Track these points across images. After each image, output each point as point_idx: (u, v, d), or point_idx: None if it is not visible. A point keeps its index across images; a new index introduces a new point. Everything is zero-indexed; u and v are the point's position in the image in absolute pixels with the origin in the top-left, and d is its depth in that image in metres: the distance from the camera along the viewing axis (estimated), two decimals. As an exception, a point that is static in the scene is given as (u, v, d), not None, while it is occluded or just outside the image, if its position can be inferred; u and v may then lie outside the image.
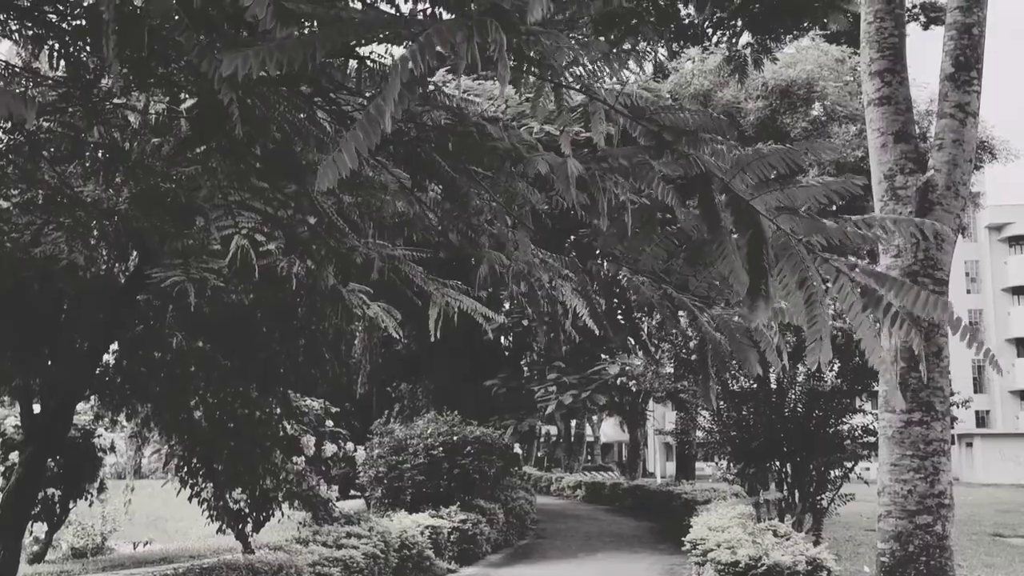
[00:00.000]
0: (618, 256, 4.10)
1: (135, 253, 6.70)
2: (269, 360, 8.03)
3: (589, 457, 54.53)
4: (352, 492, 19.74)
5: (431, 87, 4.03)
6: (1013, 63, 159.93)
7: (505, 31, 2.55)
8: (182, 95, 4.52)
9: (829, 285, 3.52)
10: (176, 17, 3.22)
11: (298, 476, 10.59)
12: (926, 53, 16.04)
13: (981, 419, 62.79)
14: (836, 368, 13.82)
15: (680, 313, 4.53)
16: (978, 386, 61.98)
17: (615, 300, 5.26)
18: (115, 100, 4.84)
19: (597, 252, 4.53)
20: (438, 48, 2.54)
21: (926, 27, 21.04)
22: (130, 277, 6.71)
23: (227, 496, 10.07)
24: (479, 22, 2.54)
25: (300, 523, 10.92)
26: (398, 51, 3.06)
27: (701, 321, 4.44)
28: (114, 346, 7.56)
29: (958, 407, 11.21)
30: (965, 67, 8.02)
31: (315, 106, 3.95)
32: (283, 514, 10.29)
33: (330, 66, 3.79)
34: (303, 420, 10.16)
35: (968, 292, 64.45)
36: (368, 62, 3.46)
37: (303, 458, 10.49)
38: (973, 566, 15.27)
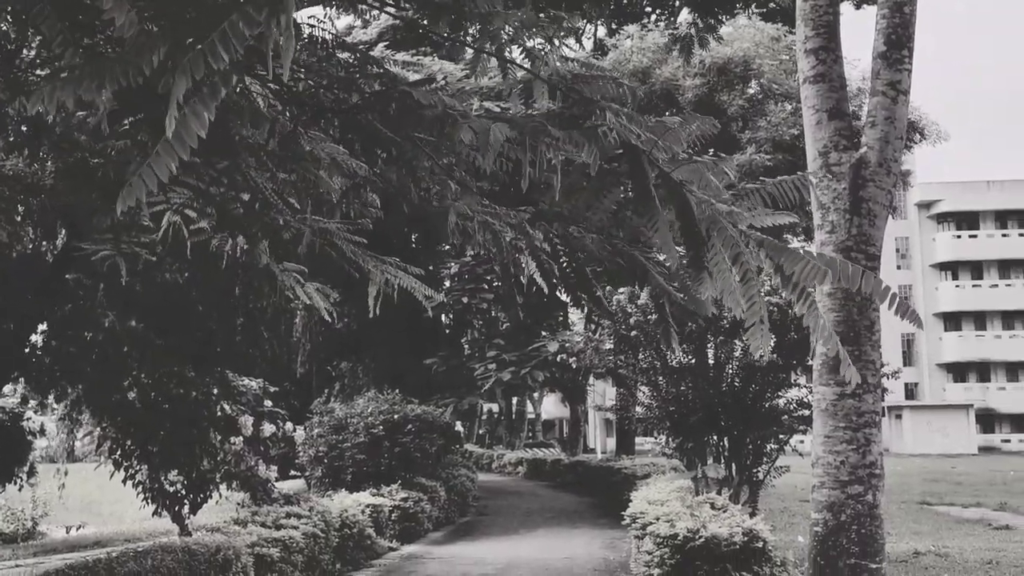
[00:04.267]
0: (565, 215, 4.10)
1: (63, 231, 6.50)
2: (205, 339, 7.88)
3: (530, 434, 54.90)
4: (292, 472, 19.60)
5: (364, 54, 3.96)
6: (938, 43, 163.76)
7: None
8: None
9: (762, 265, 3.56)
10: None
11: (236, 457, 10.45)
12: (857, 32, 16.30)
13: (910, 391, 64.65)
14: (772, 343, 14.05)
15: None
16: (907, 359, 63.76)
17: (563, 260, 5.24)
18: (38, 72, 4.67)
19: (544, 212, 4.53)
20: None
21: (858, 6, 21.33)
22: (58, 255, 6.51)
23: (163, 478, 9.89)
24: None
25: (239, 504, 10.80)
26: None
27: (652, 274, 4.46)
28: (42, 326, 7.35)
29: (888, 379, 11.47)
30: (897, 46, 8.15)
31: (252, 79, 3.85)
32: (221, 495, 10.15)
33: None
34: (241, 400, 10.01)
35: (898, 268, 66.12)
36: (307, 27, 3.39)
37: (241, 438, 10.34)
38: (902, 534, 15.75)
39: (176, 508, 10.00)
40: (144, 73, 2.55)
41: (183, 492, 9.99)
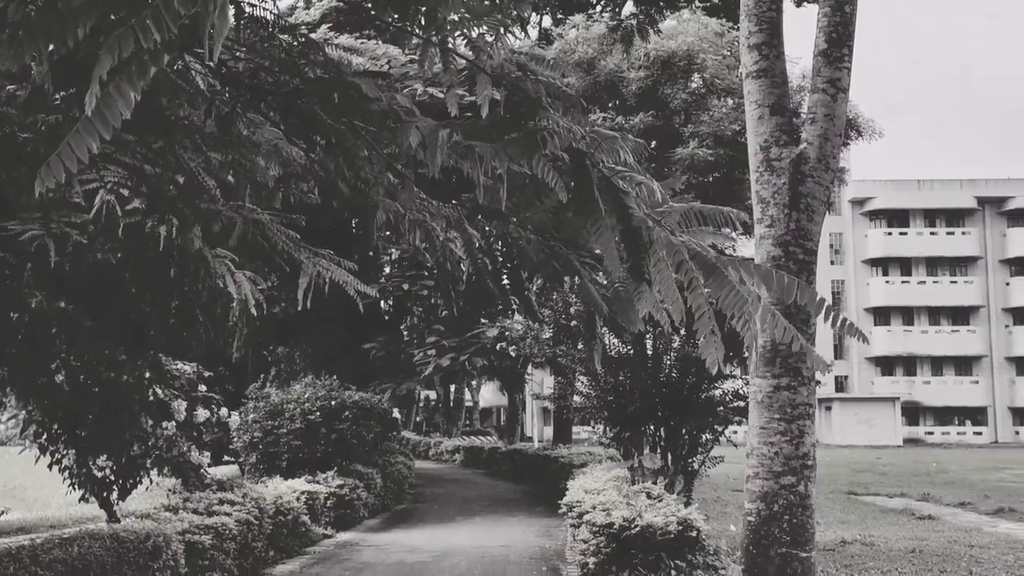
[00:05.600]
0: (504, 213, 4.06)
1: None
2: (138, 322, 7.67)
3: (468, 422, 54.93)
4: (225, 458, 19.28)
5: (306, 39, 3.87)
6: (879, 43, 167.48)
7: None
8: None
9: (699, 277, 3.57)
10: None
11: (168, 442, 10.22)
12: (797, 30, 16.57)
13: (840, 384, 66.25)
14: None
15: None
16: (838, 352, 65.27)
17: (500, 259, 5.19)
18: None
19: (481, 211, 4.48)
20: None
21: (798, 4, 21.64)
22: (-17, 233, 6.26)
23: (91, 463, 9.64)
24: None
25: (170, 490, 10.58)
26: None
27: (585, 284, 4.45)
28: (-36, 306, 7.07)
29: (820, 372, 11.71)
30: (837, 44, 8.29)
31: (190, 56, 3.74)
32: (151, 481, 9.94)
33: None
34: (175, 384, 9.79)
35: (832, 263, 67.60)
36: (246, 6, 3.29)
37: (174, 423, 10.12)
38: (829, 523, 16.12)
39: (104, 494, 9.77)
40: (67, 44, 2.43)
41: (112, 477, 9.76)
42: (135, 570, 7.78)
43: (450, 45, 3.84)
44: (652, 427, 14.76)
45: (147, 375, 8.60)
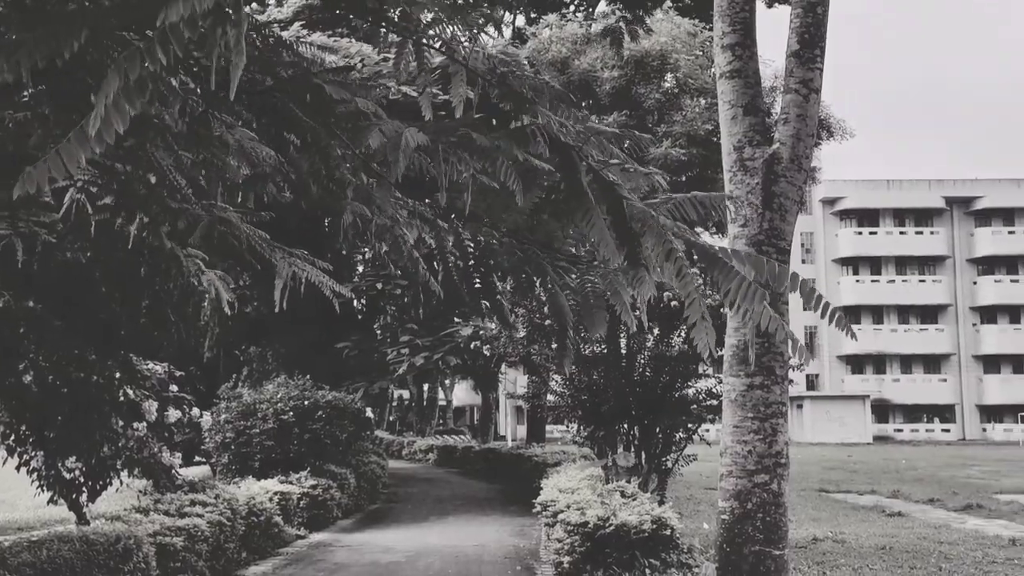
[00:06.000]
0: (478, 215, 4.04)
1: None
2: (108, 322, 7.57)
3: (441, 421, 54.86)
4: (197, 459, 19.12)
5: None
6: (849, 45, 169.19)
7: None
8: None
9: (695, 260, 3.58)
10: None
11: (139, 443, 10.11)
12: (769, 31, 16.66)
13: (811, 382, 66.85)
14: (683, 334, 14.30)
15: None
16: (809, 351, 65.81)
17: (472, 262, 5.16)
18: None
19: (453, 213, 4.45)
20: None
21: (770, 5, 21.82)
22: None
23: (60, 465, 9.52)
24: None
25: (140, 492, 10.46)
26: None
27: (556, 292, 4.43)
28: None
29: (793, 371, 11.79)
30: (809, 45, 8.34)
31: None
32: (122, 483, 9.82)
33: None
34: (145, 385, 9.68)
35: (803, 262, 68.15)
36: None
37: (144, 424, 10.01)
38: (801, 520, 16.25)
39: (73, 496, 9.64)
40: (63, 56, 2.40)
41: (81, 479, 9.63)
42: (105, 573, 7.69)
43: (425, 43, 3.82)
44: (626, 426, 14.81)
45: (117, 375, 8.50)
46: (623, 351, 14.95)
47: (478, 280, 4.88)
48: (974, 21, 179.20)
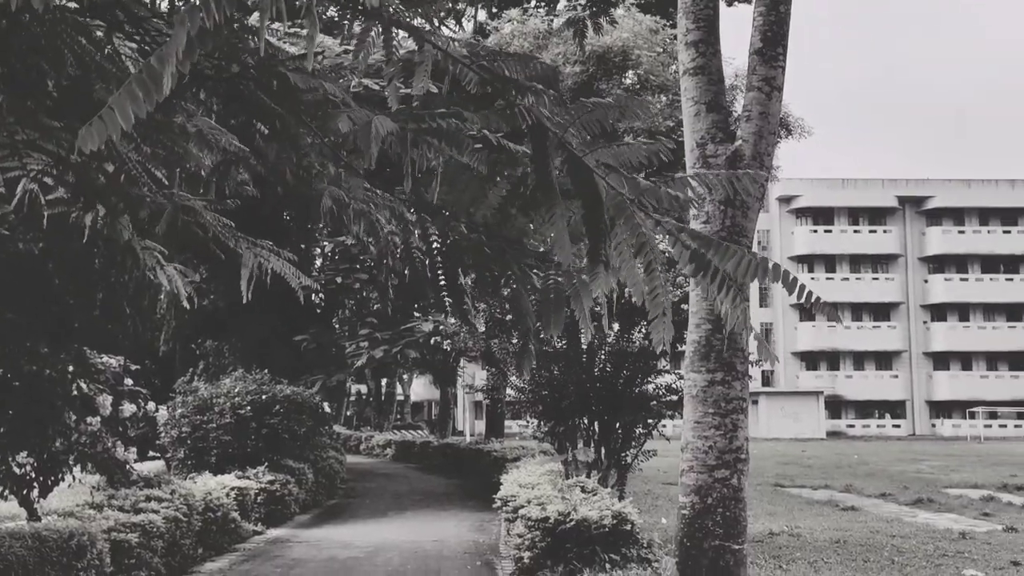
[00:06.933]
0: (446, 208, 3.99)
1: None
2: (62, 314, 7.41)
3: (399, 416, 54.69)
4: (152, 453, 18.83)
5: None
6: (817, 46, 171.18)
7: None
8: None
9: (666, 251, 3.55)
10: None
11: (92, 437, 9.92)
12: (728, 29, 16.78)
13: (767, 379, 67.66)
14: (644, 330, 14.36)
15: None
16: (766, 347, 66.51)
17: (439, 258, 5.09)
18: None
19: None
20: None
21: (730, 3, 21.97)
22: None
23: (10, 460, 9.31)
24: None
25: (94, 487, 10.27)
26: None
27: (520, 292, 4.39)
28: None
29: (752, 366, 11.90)
30: (772, 43, 8.39)
31: (124, 36, 3.59)
32: (75, 478, 9.63)
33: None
34: (99, 378, 9.50)
35: (759, 260, 68.83)
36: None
37: (98, 418, 9.82)
38: (757, 515, 16.43)
39: (24, 492, 9.43)
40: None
41: (32, 475, 9.43)
42: (58, 570, 7.54)
43: (393, 29, 3.76)
44: (586, 421, 14.84)
45: (70, 369, 8.33)
46: (584, 346, 14.97)
47: (443, 276, 4.82)
48: (930, 22, 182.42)
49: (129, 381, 10.68)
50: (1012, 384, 67.44)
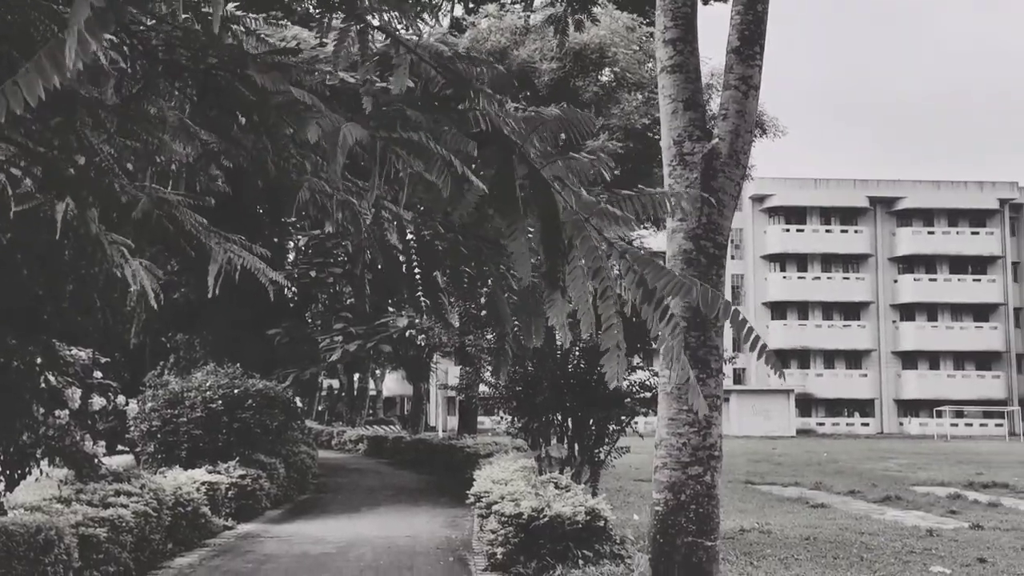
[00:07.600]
0: (424, 207, 3.95)
1: None
2: (30, 306, 7.30)
3: (372, 411, 54.46)
4: (121, 447, 18.63)
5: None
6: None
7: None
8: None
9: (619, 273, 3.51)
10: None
11: (60, 431, 9.80)
12: (705, 28, 16.79)
13: (738, 376, 68.07)
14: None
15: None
16: (737, 345, 67.04)
17: (415, 257, 5.06)
18: None
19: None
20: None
21: (706, 1, 22.03)
22: None
23: (-24, 453, 9.17)
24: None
25: (61, 481, 10.14)
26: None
27: (497, 293, 4.36)
28: None
29: (726, 364, 11.97)
30: (749, 42, 8.41)
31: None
32: (42, 472, 9.50)
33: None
34: (68, 371, 9.37)
35: (732, 258, 69.31)
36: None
37: (67, 411, 9.69)
38: (729, 511, 16.52)
39: (-9, 486, 9.30)
40: None
41: (-1, 468, 9.30)
42: (25, 564, 7.43)
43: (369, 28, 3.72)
44: (559, 417, 14.86)
45: (39, 361, 8.22)
46: (558, 343, 14.99)
47: (419, 275, 4.79)
48: (904, 23, 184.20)
49: (98, 374, 10.55)
50: (978, 384, 68.35)
